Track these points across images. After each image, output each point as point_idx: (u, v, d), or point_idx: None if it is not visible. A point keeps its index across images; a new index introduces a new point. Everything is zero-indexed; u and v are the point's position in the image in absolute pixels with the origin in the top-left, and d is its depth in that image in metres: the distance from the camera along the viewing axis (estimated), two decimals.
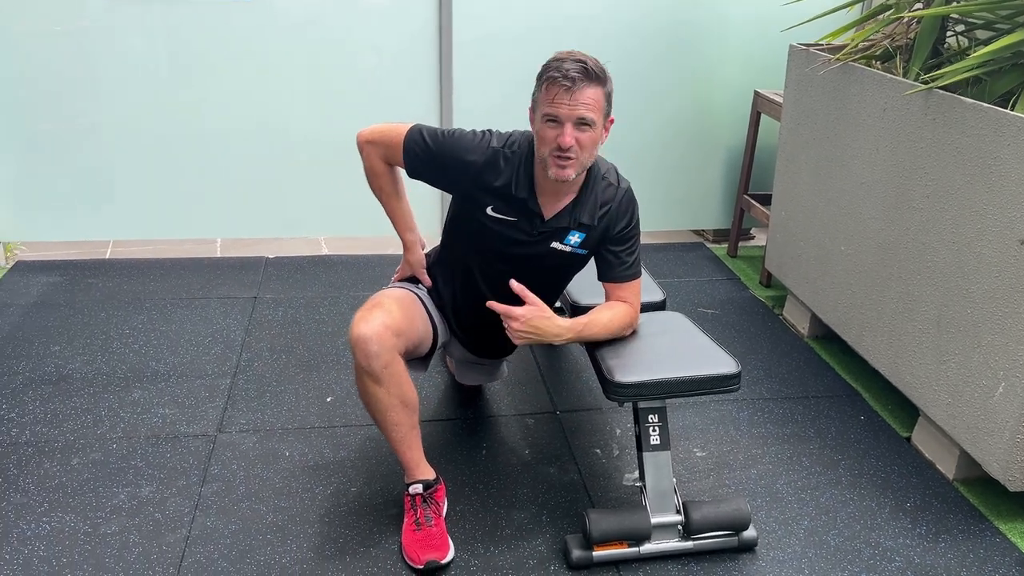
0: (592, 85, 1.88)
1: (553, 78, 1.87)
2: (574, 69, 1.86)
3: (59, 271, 3.41)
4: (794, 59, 3.07)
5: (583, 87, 1.86)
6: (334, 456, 2.36)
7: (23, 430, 2.41)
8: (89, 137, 3.40)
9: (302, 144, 3.54)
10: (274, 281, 3.42)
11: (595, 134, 1.91)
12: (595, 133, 1.91)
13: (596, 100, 1.89)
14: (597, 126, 1.91)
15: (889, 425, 2.61)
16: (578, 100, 1.86)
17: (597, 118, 1.90)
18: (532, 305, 1.95)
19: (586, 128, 1.89)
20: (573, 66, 1.86)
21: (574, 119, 1.87)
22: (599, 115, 1.91)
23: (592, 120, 1.89)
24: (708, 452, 2.45)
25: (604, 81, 1.91)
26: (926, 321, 2.39)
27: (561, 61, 1.88)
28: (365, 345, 1.88)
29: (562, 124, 1.88)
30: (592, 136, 1.91)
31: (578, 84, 1.85)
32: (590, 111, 1.88)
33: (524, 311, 1.94)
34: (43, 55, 3.26)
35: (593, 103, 1.88)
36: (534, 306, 1.95)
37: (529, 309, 1.95)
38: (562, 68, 1.86)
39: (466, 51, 3.48)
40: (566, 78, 1.85)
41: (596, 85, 1.89)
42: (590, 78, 1.87)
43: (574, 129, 1.88)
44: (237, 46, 3.36)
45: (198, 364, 2.78)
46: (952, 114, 2.24)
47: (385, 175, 2.15)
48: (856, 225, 2.71)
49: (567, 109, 1.87)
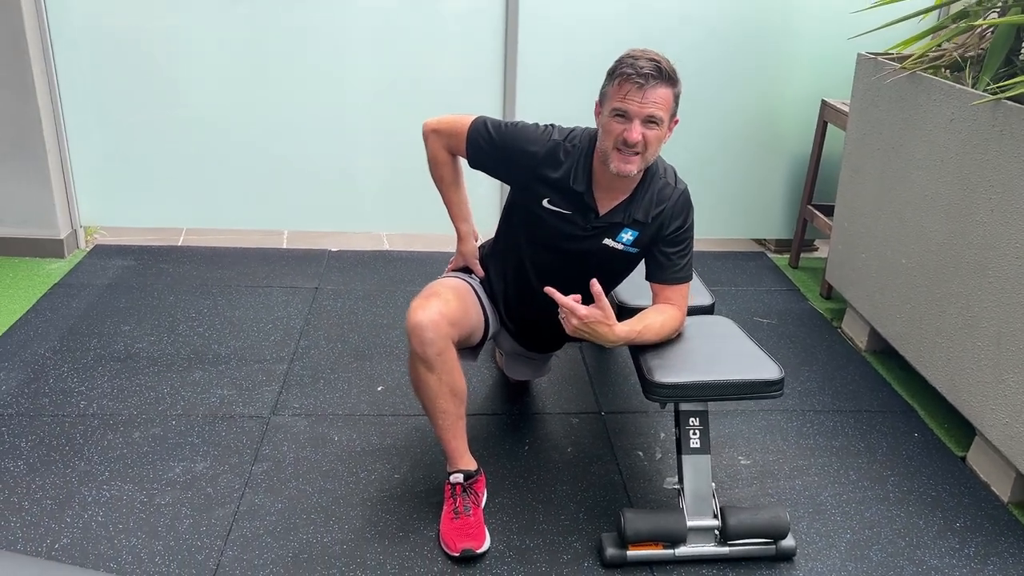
0: (664, 85, 1.90)
1: (627, 74, 1.89)
2: (648, 67, 1.88)
3: (134, 256, 3.56)
4: (862, 68, 3.02)
5: (655, 86, 1.89)
6: (381, 443, 2.42)
7: (91, 403, 2.53)
8: (169, 131, 3.55)
9: (368, 142, 3.62)
10: (336, 273, 3.51)
11: (661, 132, 1.94)
12: (661, 132, 1.94)
13: (666, 100, 1.91)
14: (664, 125, 1.93)
15: (944, 444, 2.54)
16: (649, 98, 1.89)
17: (665, 117, 1.93)
18: (600, 310, 1.92)
19: (653, 126, 1.91)
20: (647, 64, 1.89)
21: (643, 116, 1.90)
22: (667, 114, 1.93)
23: (660, 119, 1.91)
24: (753, 460, 2.43)
25: (675, 82, 1.94)
26: (986, 338, 2.33)
27: (635, 59, 1.91)
28: (421, 332, 1.93)
29: (631, 120, 1.90)
30: (658, 134, 1.93)
31: (650, 82, 1.88)
32: (659, 110, 1.90)
33: (589, 312, 1.91)
34: (132, 52, 3.42)
35: (663, 102, 1.91)
36: (601, 311, 1.92)
37: (594, 312, 1.92)
38: (636, 65, 1.89)
39: (532, 50, 3.51)
40: (640, 75, 1.88)
41: (667, 85, 1.91)
42: (662, 78, 1.90)
43: (642, 126, 1.90)
44: (312, 44, 3.47)
45: (257, 349, 2.88)
46: (1020, 126, 2.18)
47: (447, 164, 2.21)
48: (918, 238, 2.65)
49: (637, 106, 1.89)
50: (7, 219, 3.46)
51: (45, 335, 2.88)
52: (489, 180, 2.21)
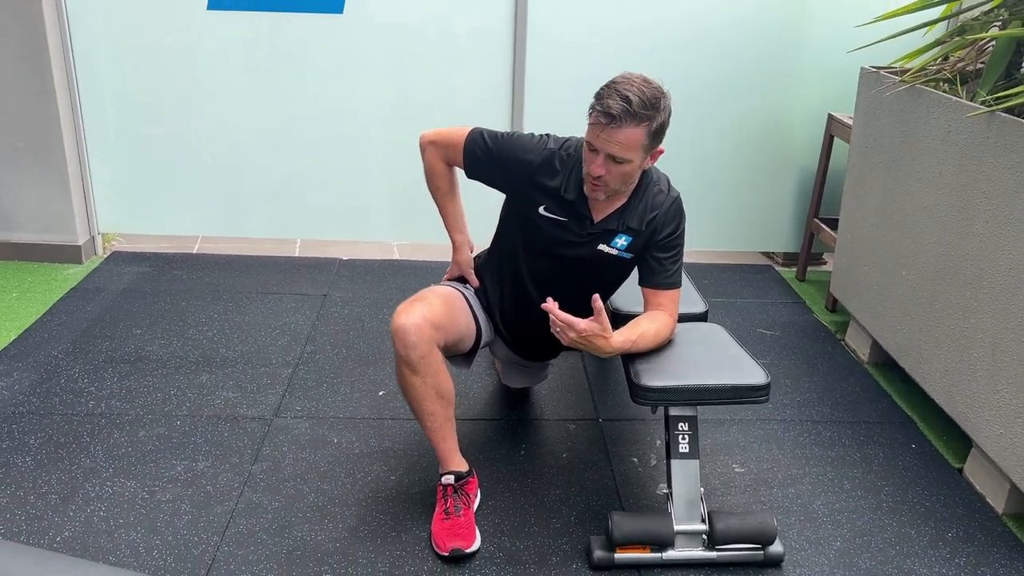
0: (631, 125, 1.88)
1: (596, 111, 1.91)
2: (616, 108, 1.87)
3: (149, 262, 3.65)
4: (865, 82, 3.04)
5: (620, 126, 1.88)
6: (379, 446, 2.46)
7: (99, 402, 2.60)
8: (187, 141, 3.64)
9: (380, 154, 3.69)
10: (345, 281, 3.57)
11: (628, 168, 1.95)
12: (628, 168, 1.95)
13: (632, 140, 1.90)
14: (632, 162, 1.94)
15: (941, 455, 2.54)
16: (613, 138, 1.89)
17: (632, 155, 1.92)
18: (598, 323, 1.93)
19: (618, 163, 1.93)
20: (616, 103, 1.87)
21: (606, 154, 1.92)
22: (635, 152, 1.92)
23: (623, 158, 1.92)
24: (747, 469, 2.44)
25: (649, 119, 1.90)
26: (982, 349, 2.33)
27: (611, 91, 1.89)
28: (404, 335, 1.97)
29: (597, 153, 1.93)
30: (624, 170, 1.95)
31: (615, 122, 1.87)
32: (623, 151, 1.91)
33: (587, 326, 1.92)
34: (151, 64, 3.52)
35: (627, 143, 1.90)
36: (599, 324, 1.93)
37: (592, 325, 1.93)
38: (605, 102, 1.88)
39: (540, 69, 3.57)
40: (605, 114, 1.88)
41: (635, 124, 1.88)
42: (630, 118, 1.87)
43: (606, 161, 1.93)
44: (325, 58, 3.55)
45: (264, 353, 2.94)
46: (1014, 137, 2.19)
47: (444, 175, 2.26)
48: (918, 250, 2.66)
49: (602, 143, 1.91)
50: (28, 225, 3.56)
51: (59, 337, 2.96)
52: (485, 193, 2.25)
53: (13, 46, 3.29)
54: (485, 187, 2.23)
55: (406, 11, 3.49)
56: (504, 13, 3.49)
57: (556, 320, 1.93)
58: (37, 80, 3.34)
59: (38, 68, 3.32)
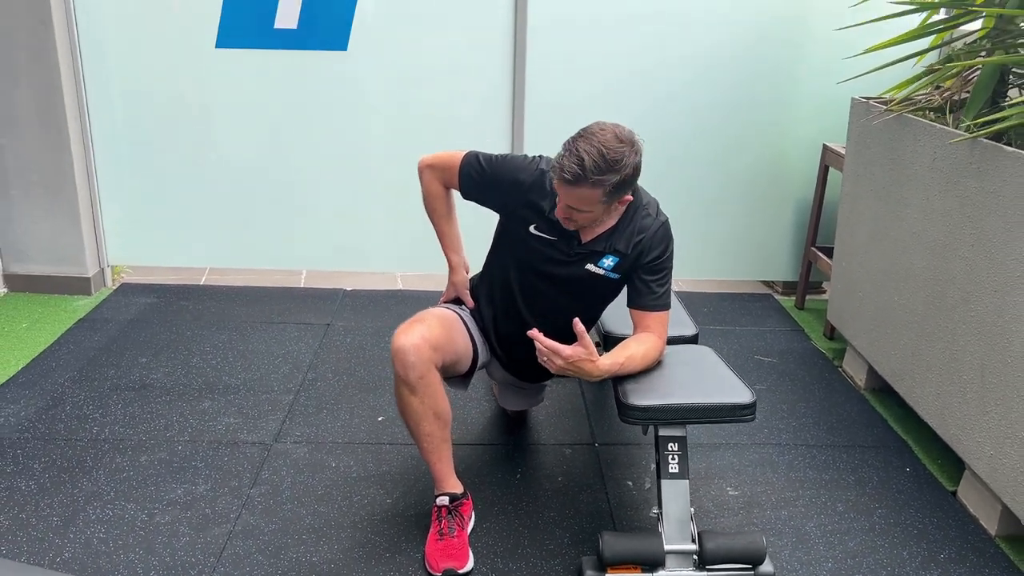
0: (583, 187, 1.93)
1: (554, 168, 1.97)
2: (569, 170, 1.91)
3: (157, 294, 3.72)
4: (855, 112, 3.10)
5: (575, 187, 1.94)
6: (376, 470, 2.50)
7: (103, 429, 2.65)
8: (195, 174, 3.73)
9: (384, 186, 3.76)
10: (348, 311, 3.63)
11: (590, 216, 2.02)
12: (590, 215, 2.02)
13: (587, 198, 1.96)
14: (592, 212, 2.01)
15: (935, 478, 2.55)
16: (571, 195, 1.97)
17: (590, 208, 1.99)
18: (583, 347, 1.97)
19: (580, 212, 2.00)
20: (570, 165, 1.91)
21: (566, 205, 2.00)
22: (591, 206, 1.99)
23: (581, 211, 2.00)
24: (741, 492, 2.46)
25: (601, 182, 1.92)
26: (971, 371, 2.35)
27: (571, 151, 1.93)
28: (403, 356, 2.02)
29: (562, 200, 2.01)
30: (585, 217, 2.02)
31: (571, 184, 1.94)
32: (581, 205, 1.98)
33: (573, 352, 1.96)
34: (161, 101, 3.62)
35: (583, 199, 1.97)
36: (584, 348, 1.97)
37: (577, 351, 1.97)
38: (563, 162, 1.93)
39: (539, 103, 3.65)
40: (561, 174, 1.94)
41: (589, 187, 1.93)
42: (582, 181, 1.92)
43: (566, 208, 2.01)
44: (330, 94, 3.64)
45: (266, 381, 2.99)
46: (994, 163, 2.24)
47: (441, 197, 2.32)
48: (908, 275, 2.69)
49: (562, 193, 2.00)
50: (39, 258, 3.64)
51: (66, 366, 3.03)
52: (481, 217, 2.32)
53: (28, 85, 3.40)
54: (481, 210, 2.30)
55: (408, 48, 3.59)
56: (503, 48, 3.58)
57: (541, 348, 1.97)
58: (51, 117, 3.44)
59: (51, 105, 3.43)
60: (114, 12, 3.48)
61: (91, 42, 3.49)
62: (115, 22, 3.50)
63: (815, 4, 3.57)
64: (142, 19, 3.51)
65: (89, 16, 3.46)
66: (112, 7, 3.48)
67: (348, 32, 3.55)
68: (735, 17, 3.59)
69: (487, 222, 2.35)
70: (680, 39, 3.61)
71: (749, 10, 3.58)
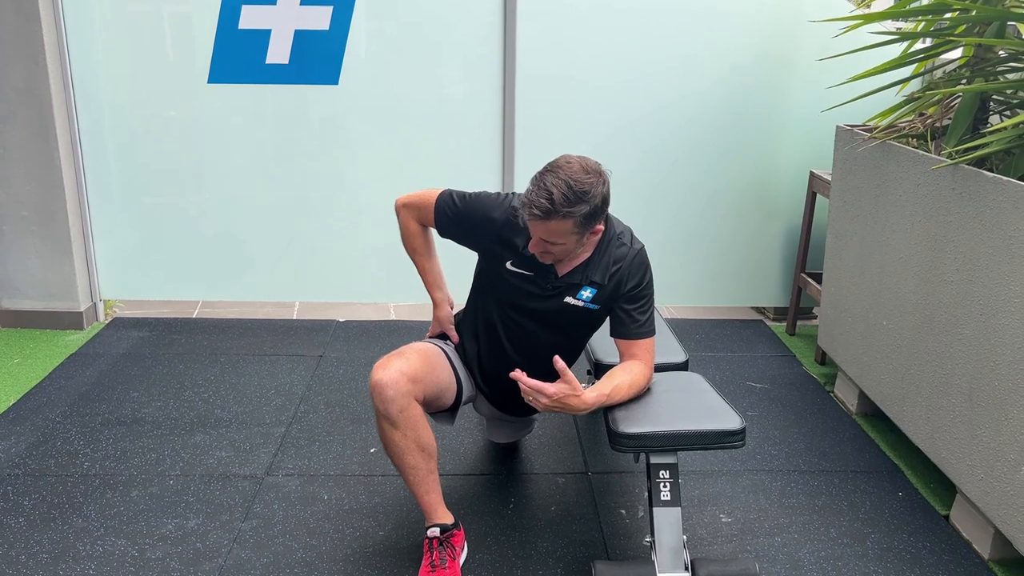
0: (553, 219, 1.95)
1: (524, 204, 1.99)
2: (538, 205, 1.94)
3: (149, 327, 3.72)
4: (840, 139, 3.14)
5: (546, 221, 1.96)
6: (368, 502, 2.49)
7: (94, 464, 2.64)
8: (187, 208, 3.75)
9: (376, 217, 3.78)
10: (341, 342, 3.64)
11: (563, 247, 2.04)
12: (563, 247, 2.04)
13: (558, 230, 1.98)
14: (565, 244, 2.03)
15: (928, 503, 2.55)
16: (541, 228, 1.99)
17: (563, 240, 2.01)
18: (566, 383, 1.98)
19: (552, 244, 2.02)
20: (539, 200, 1.94)
21: (538, 238, 2.02)
22: (563, 238, 2.00)
23: (555, 242, 2.01)
24: (734, 519, 2.45)
25: (570, 214, 1.95)
26: (959, 395, 2.37)
27: (539, 185, 1.95)
28: (382, 390, 2.02)
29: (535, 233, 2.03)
30: (559, 249, 2.04)
31: (541, 218, 1.96)
32: (552, 237, 2.00)
33: (557, 390, 1.97)
34: (154, 135, 3.65)
35: (555, 231, 1.98)
36: (568, 384, 1.98)
37: (561, 388, 1.97)
38: (531, 196, 1.96)
39: (528, 136, 3.69)
40: (530, 209, 1.97)
41: (560, 219, 1.95)
42: (553, 215, 1.94)
43: (539, 242, 2.03)
44: (322, 127, 3.68)
45: (258, 413, 2.98)
46: (976, 188, 2.27)
47: (418, 235, 2.34)
48: (896, 300, 2.71)
49: (532, 227, 2.01)
50: (31, 293, 3.65)
51: (57, 401, 3.02)
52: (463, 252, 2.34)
53: (20, 120, 3.43)
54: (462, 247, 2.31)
55: (399, 81, 3.63)
56: (493, 81, 3.62)
57: (526, 389, 1.97)
58: (43, 152, 3.47)
59: (44, 141, 3.45)
60: (106, 48, 3.52)
61: (83, 78, 3.53)
62: (107, 58, 3.53)
63: (798, 35, 3.62)
64: (134, 55, 3.55)
65: (81, 53, 3.50)
66: (104, 43, 3.51)
67: (339, 66, 3.59)
68: (720, 51, 3.64)
69: (469, 258, 2.36)
70: (667, 73, 3.66)
71: (734, 43, 3.63)
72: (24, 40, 3.34)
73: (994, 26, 2.51)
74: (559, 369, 1.98)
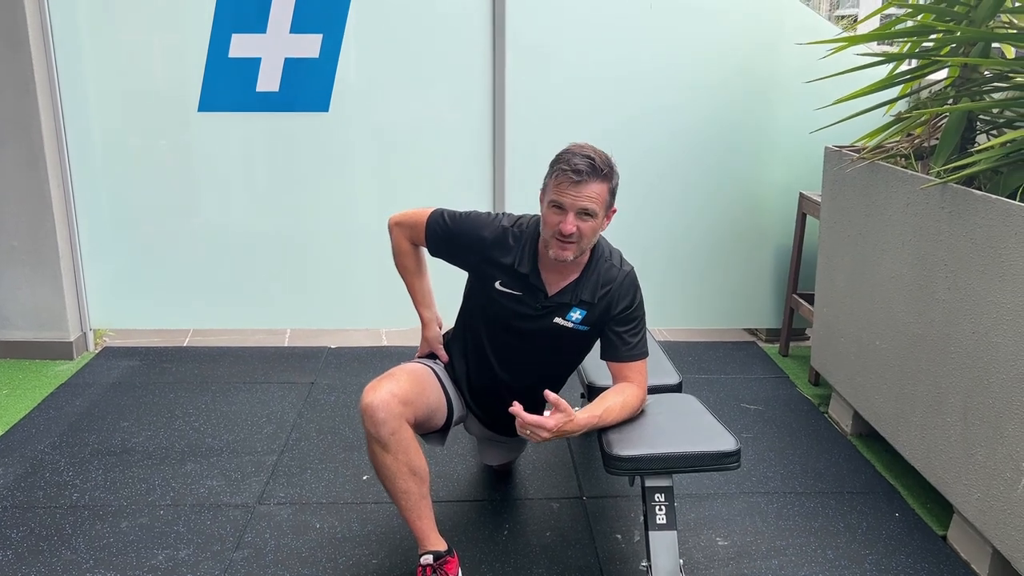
0: (597, 181, 2.01)
1: (563, 170, 2.02)
2: (582, 164, 2.00)
3: (140, 356, 3.69)
4: (829, 160, 3.16)
5: (589, 182, 2.00)
6: (361, 530, 2.46)
7: (83, 495, 2.61)
8: (177, 237, 3.74)
9: (367, 242, 3.78)
10: (333, 369, 3.62)
11: (596, 223, 2.05)
12: (596, 223, 2.05)
13: (599, 194, 2.02)
14: (598, 217, 2.04)
15: (925, 523, 2.53)
16: (583, 193, 2.00)
17: (599, 210, 2.03)
18: (562, 412, 1.97)
19: (587, 218, 2.02)
20: (581, 161, 2.00)
21: (577, 209, 2.01)
22: (601, 207, 2.04)
23: (594, 211, 2.02)
24: (731, 542, 2.43)
25: (609, 177, 2.04)
26: (953, 413, 2.36)
27: (572, 154, 2.03)
28: (373, 413, 2.01)
29: (566, 212, 2.02)
30: (592, 225, 2.04)
31: (584, 178, 1.99)
32: (592, 203, 2.01)
33: (557, 422, 1.95)
34: (144, 164, 3.65)
35: (596, 197, 2.02)
36: (563, 413, 1.97)
37: (559, 419, 1.96)
38: (571, 162, 2.00)
39: (519, 162, 3.70)
40: (575, 171, 1.99)
41: (601, 181, 2.02)
42: (596, 174, 2.01)
43: (576, 218, 2.01)
44: (313, 154, 3.68)
45: (249, 442, 2.96)
46: (965, 206, 2.28)
47: (409, 254, 2.34)
48: (888, 319, 2.71)
49: (571, 199, 2.01)
50: (20, 323, 3.62)
51: (46, 432, 2.99)
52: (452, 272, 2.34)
53: (10, 150, 3.42)
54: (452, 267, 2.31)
55: (389, 108, 3.65)
56: (483, 107, 3.64)
57: (524, 423, 1.95)
58: (33, 181, 3.46)
59: (34, 170, 3.44)
60: (96, 77, 3.53)
61: (74, 107, 3.53)
62: (97, 87, 3.54)
63: (785, 58, 3.65)
64: (124, 83, 3.55)
65: (72, 81, 3.50)
66: (94, 72, 3.52)
67: (330, 94, 3.61)
68: (709, 74, 3.67)
69: (458, 278, 2.36)
70: (656, 95, 3.69)
71: (722, 67, 3.67)
72: (13, 69, 3.34)
73: (979, 46, 2.54)
74: (552, 401, 1.97)
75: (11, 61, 3.33)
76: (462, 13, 3.55)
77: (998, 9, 2.51)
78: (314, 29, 3.51)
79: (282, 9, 3.48)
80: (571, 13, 3.59)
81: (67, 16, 3.44)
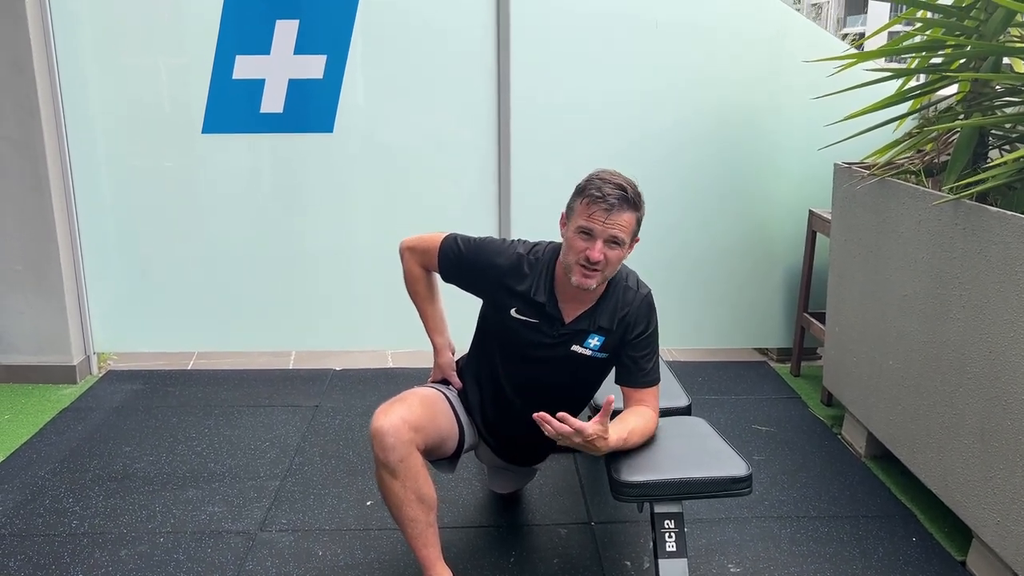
0: (628, 210, 1.99)
1: (595, 196, 1.98)
2: (614, 194, 1.97)
3: (143, 380, 3.66)
4: (839, 177, 3.12)
5: (620, 211, 1.97)
6: (364, 557, 2.41)
7: (83, 522, 2.56)
8: (181, 259, 3.72)
9: (372, 263, 3.75)
10: (337, 391, 3.57)
11: (621, 252, 2.02)
12: (622, 252, 2.02)
13: (629, 224, 2.00)
14: (625, 246, 2.02)
15: (943, 548, 2.46)
16: (615, 221, 1.97)
17: (627, 239, 2.01)
18: (600, 424, 1.92)
19: (615, 247, 2.00)
20: (614, 191, 1.97)
21: (606, 236, 1.98)
22: (628, 236, 2.01)
23: (622, 240, 2.00)
24: (743, 568, 2.37)
25: (638, 207, 2.02)
26: (971, 435, 2.30)
27: (604, 182, 2.00)
28: (382, 438, 1.96)
29: (595, 239, 1.98)
30: (619, 254, 2.01)
31: (616, 208, 1.97)
32: (622, 232, 1.99)
33: (595, 430, 1.91)
34: (148, 186, 3.63)
35: (626, 226, 1.99)
36: (602, 426, 1.92)
37: (597, 429, 1.92)
38: (604, 190, 1.97)
39: (524, 181, 3.67)
40: (606, 200, 1.96)
41: (631, 211, 2.00)
42: (627, 204, 1.99)
43: (604, 246, 1.98)
44: (317, 175, 3.66)
45: (252, 466, 2.91)
46: (979, 223, 2.23)
47: (421, 279, 2.30)
48: (901, 339, 2.66)
49: (601, 226, 1.97)
50: (23, 347, 3.60)
51: (47, 458, 2.95)
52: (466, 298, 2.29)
53: (14, 172, 3.41)
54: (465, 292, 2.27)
55: (394, 128, 3.62)
56: (488, 127, 3.62)
57: (557, 428, 1.88)
58: (36, 204, 3.44)
59: (38, 193, 3.43)
60: (100, 100, 3.52)
61: (78, 130, 3.52)
62: (101, 109, 3.53)
63: (793, 76, 3.62)
64: (129, 106, 3.54)
65: (76, 104, 3.50)
66: (99, 95, 3.51)
67: (334, 114, 3.59)
68: (715, 93, 3.64)
69: (472, 304, 2.32)
70: (663, 114, 3.65)
71: (729, 84, 3.64)
72: (18, 92, 3.33)
73: (990, 61, 2.50)
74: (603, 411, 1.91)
75: (15, 85, 3.33)
76: (467, 34, 3.54)
77: (1008, 23, 2.47)
78: (318, 50, 3.50)
79: (286, 30, 3.47)
80: (576, 32, 3.56)
81: (71, 39, 3.44)
